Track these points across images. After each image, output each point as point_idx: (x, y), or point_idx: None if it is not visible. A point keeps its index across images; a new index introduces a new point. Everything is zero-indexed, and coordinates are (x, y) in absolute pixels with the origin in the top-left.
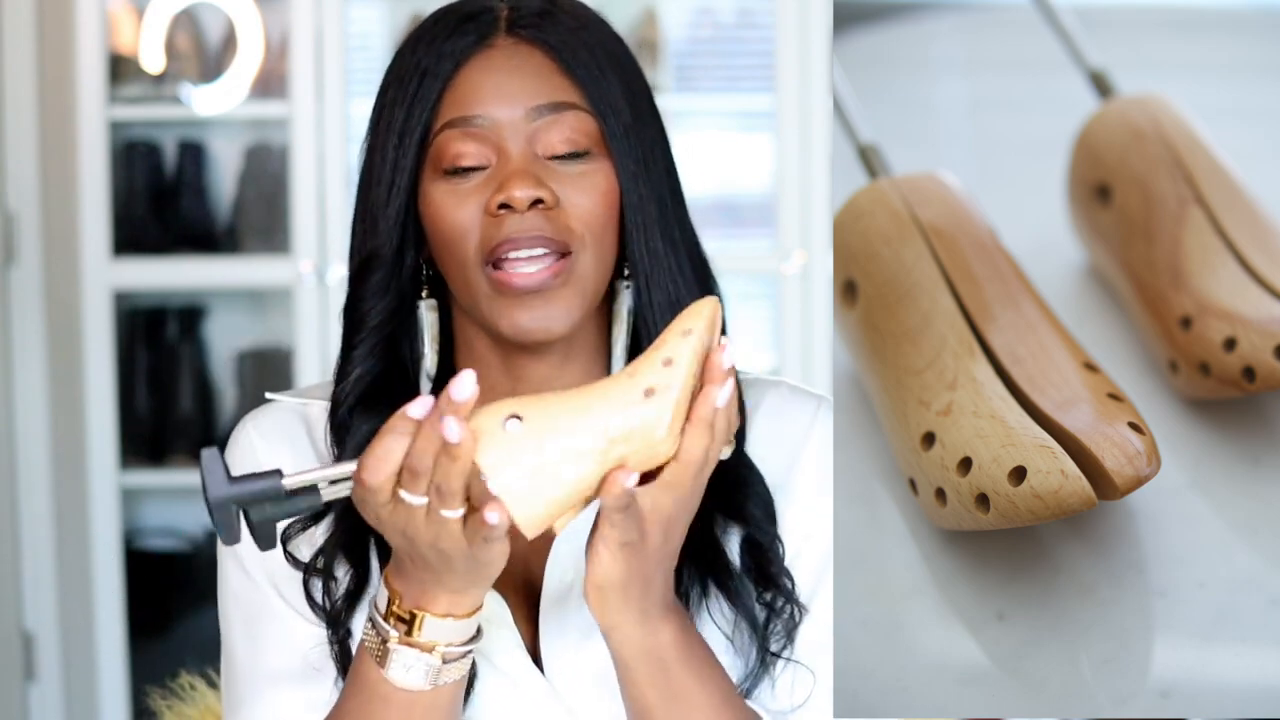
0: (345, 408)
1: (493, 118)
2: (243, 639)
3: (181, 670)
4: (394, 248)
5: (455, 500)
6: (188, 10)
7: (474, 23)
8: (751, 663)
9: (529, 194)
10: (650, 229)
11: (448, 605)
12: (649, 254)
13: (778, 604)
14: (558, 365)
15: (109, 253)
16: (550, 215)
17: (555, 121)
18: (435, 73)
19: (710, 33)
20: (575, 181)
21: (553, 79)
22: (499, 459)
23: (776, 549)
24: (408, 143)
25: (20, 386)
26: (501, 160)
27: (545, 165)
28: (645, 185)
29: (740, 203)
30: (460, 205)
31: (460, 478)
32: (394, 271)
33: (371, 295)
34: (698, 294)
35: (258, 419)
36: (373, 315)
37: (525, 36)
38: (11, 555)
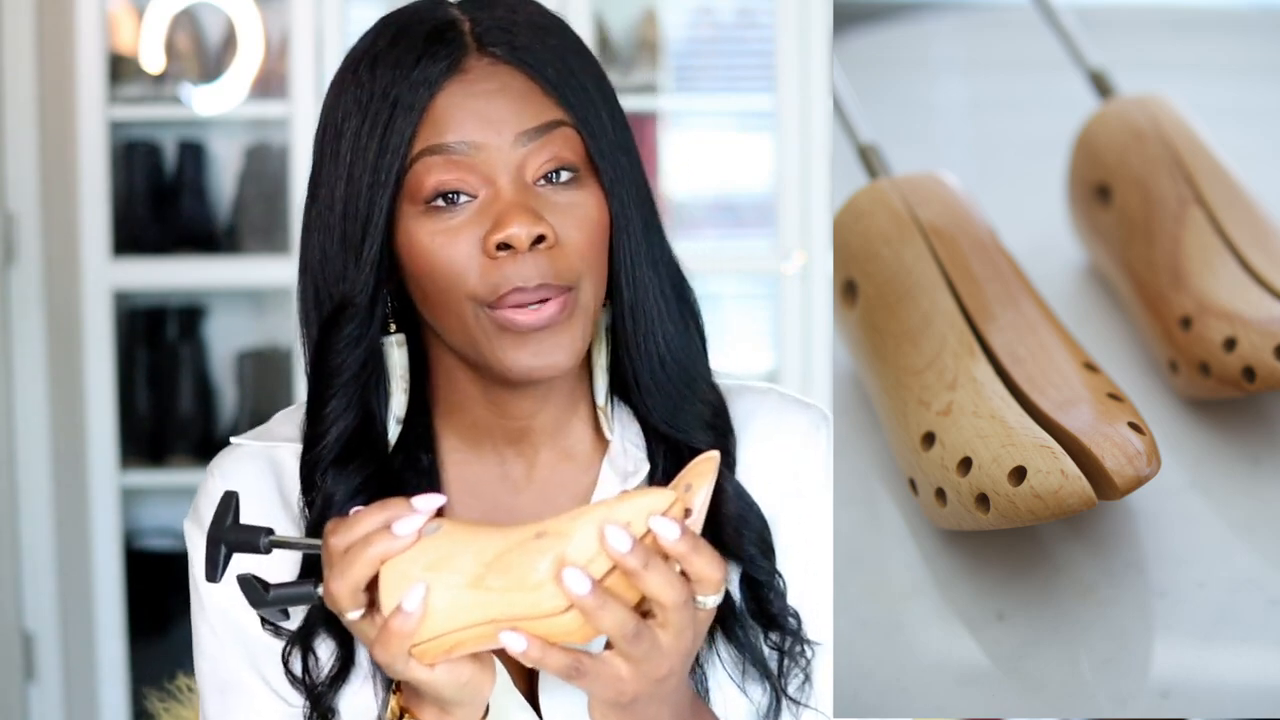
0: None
1: (476, 144)
2: (215, 707)
3: (179, 672)
4: (369, 294)
5: (344, 600)
6: (188, 10)
7: (441, 44)
8: (764, 708)
9: (530, 231)
10: (638, 255)
11: (432, 716)
12: (635, 283)
13: (786, 644)
14: (543, 396)
15: (109, 253)
16: (553, 255)
17: (545, 143)
18: (408, 103)
19: (710, 33)
20: (569, 214)
21: (535, 99)
22: (393, 564)
23: (776, 584)
24: (385, 179)
25: (20, 386)
26: (492, 192)
27: (538, 195)
28: (632, 205)
29: (740, 203)
30: (451, 244)
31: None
32: (368, 319)
33: (345, 347)
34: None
35: (224, 468)
36: (346, 368)
37: (500, 56)
38: (11, 555)
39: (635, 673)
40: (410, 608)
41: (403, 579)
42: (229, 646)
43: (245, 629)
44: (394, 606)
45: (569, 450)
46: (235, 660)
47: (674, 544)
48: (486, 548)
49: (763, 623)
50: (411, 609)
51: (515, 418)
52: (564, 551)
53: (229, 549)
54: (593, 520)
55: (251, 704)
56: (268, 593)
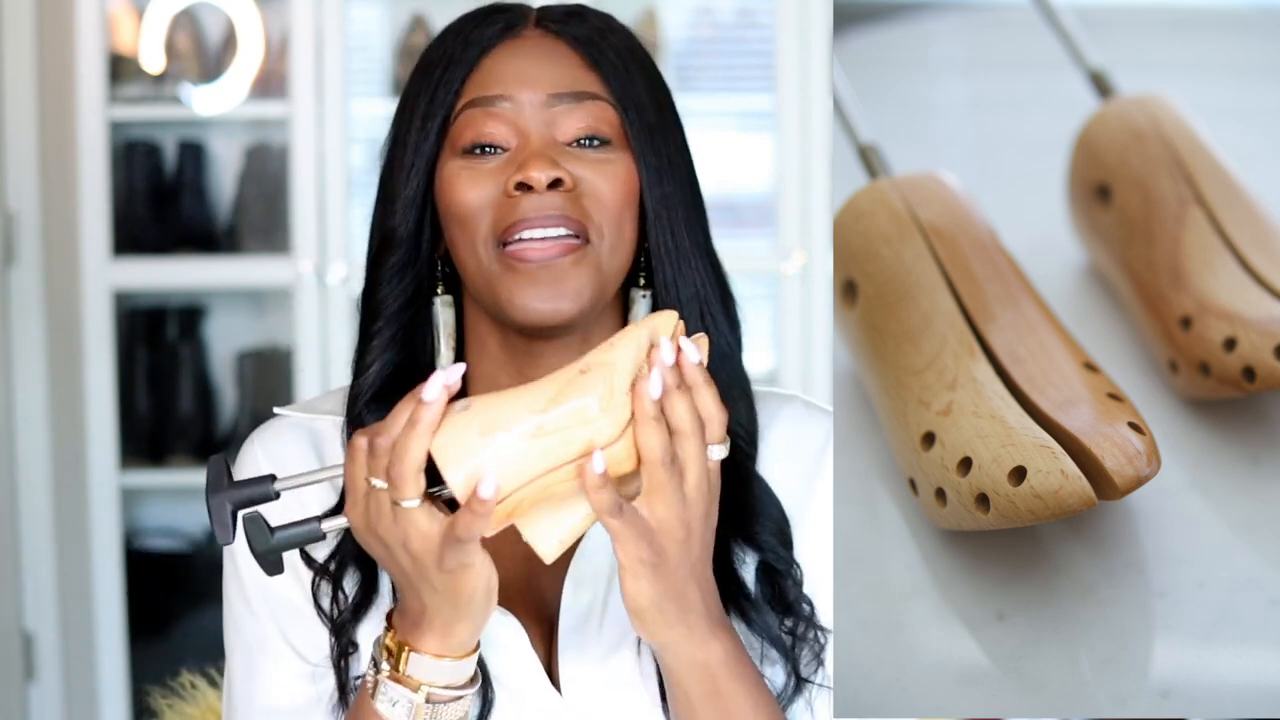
0: (361, 403)
1: (515, 99)
2: (242, 668)
3: (182, 669)
4: (410, 229)
5: (407, 485)
6: (188, 10)
7: (503, 15)
8: (779, 689)
9: (547, 174)
10: (676, 228)
11: (436, 644)
12: (674, 254)
13: (799, 629)
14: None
15: (109, 253)
16: (568, 196)
17: (577, 108)
18: (461, 60)
19: (710, 33)
20: (595, 167)
21: (576, 70)
22: (445, 439)
23: (794, 574)
24: (430, 126)
25: (20, 386)
26: (522, 143)
27: (564, 150)
28: (670, 183)
29: (740, 203)
30: (476, 183)
31: (410, 457)
32: (411, 255)
33: (389, 279)
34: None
35: (264, 436)
36: (390, 301)
37: (553, 30)
38: (11, 555)
39: (660, 524)
40: (487, 493)
41: (463, 453)
42: (259, 609)
43: (273, 593)
44: (461, 480)
45: None
46: (265, 624)
47: (696, 369)
48: (536, 399)
49: (779, 610)
50: (489, 494)
51: None
52: (613, 379)
53: (235, 506)
54: (633, 340)
55: (277, 664)
56: (273, 535)
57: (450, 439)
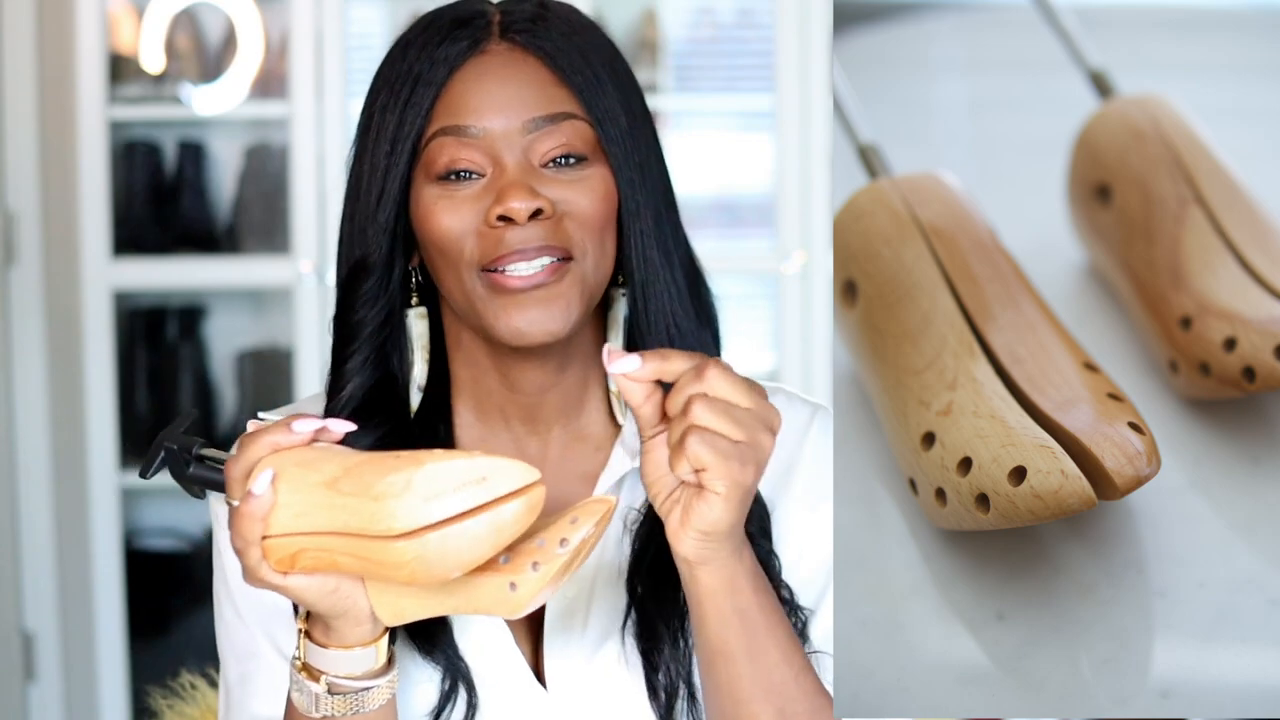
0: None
1: (487, 128)
2: (234, 674)
3: (182, 669)
4: (384, 254)
5: (234, 485)
6: (188, 10)
7: (466, 28)
8: None
9: (527, 204)
10: (647, 237)
11: (323, 637)
12: (645, 263)
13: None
14: (554, 372)
15: (109, 253)
16: (549, 224)
17: (553, 130)
18: (428, 79)
19: (710, 33)
20: (573, 186)
21: (548, 88)
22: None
23: (772, 563)
24: (400, 149)
25: (20, 386)
26: (497, 170)
27: (541, 175)
28: (642, 192)
29: (740, 203)
30: (454, 211)
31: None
32: (384, 279)
33: (363, 304)
34: (689, 303)
35: None
36: (365, 324)
37: (519, 43)
38: (11, 555)
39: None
40: (258, 490)
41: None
42: (247, 615)
43: (262, 600)
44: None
45: (581, 432)
46: (254, 632)
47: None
48: (352, 457)
49: None
50: (259, 491)
51: (525, 393)
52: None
53: (167, 454)
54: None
55: (271, 670)
56: (188, 468)
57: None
